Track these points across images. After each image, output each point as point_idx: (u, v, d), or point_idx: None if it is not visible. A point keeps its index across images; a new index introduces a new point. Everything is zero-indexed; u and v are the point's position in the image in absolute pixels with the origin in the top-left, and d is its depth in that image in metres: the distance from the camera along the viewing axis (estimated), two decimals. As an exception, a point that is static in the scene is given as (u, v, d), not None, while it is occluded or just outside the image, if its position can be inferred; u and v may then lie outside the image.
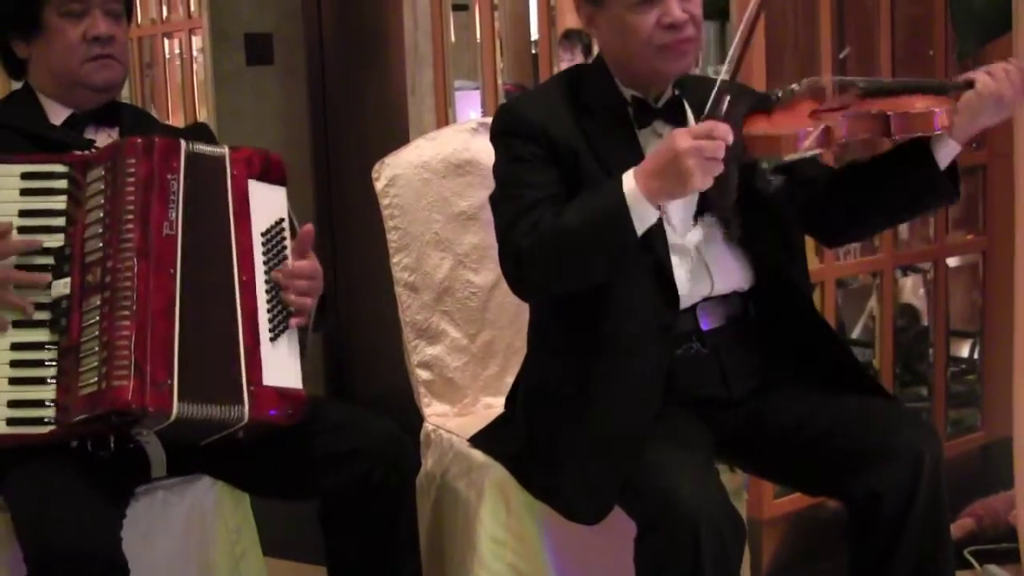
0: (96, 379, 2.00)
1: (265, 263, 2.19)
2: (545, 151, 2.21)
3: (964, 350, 4.47)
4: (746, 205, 2.26)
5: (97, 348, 2.02)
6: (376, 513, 2.25)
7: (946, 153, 2.24)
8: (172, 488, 2.33)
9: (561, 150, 2.21)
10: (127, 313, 2.02)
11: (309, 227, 2.25)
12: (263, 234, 2.21)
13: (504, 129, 2.28)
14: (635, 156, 2.23)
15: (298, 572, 3.12)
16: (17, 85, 2.42)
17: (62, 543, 1.94)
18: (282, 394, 2.14)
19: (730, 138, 2.05)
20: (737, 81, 2.22)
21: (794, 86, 2.27)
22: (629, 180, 2.09)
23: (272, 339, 2.16)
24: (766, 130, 2.20)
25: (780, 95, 2.25)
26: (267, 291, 2.18)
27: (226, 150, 2.22)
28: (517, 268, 2.17)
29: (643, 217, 2.08)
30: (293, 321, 2.19)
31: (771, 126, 2.21)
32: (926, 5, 3.79)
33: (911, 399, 4.19)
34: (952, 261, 4.03)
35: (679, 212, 2.27)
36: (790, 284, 2.33)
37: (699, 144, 2.03)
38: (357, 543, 2.28)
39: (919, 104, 2.21)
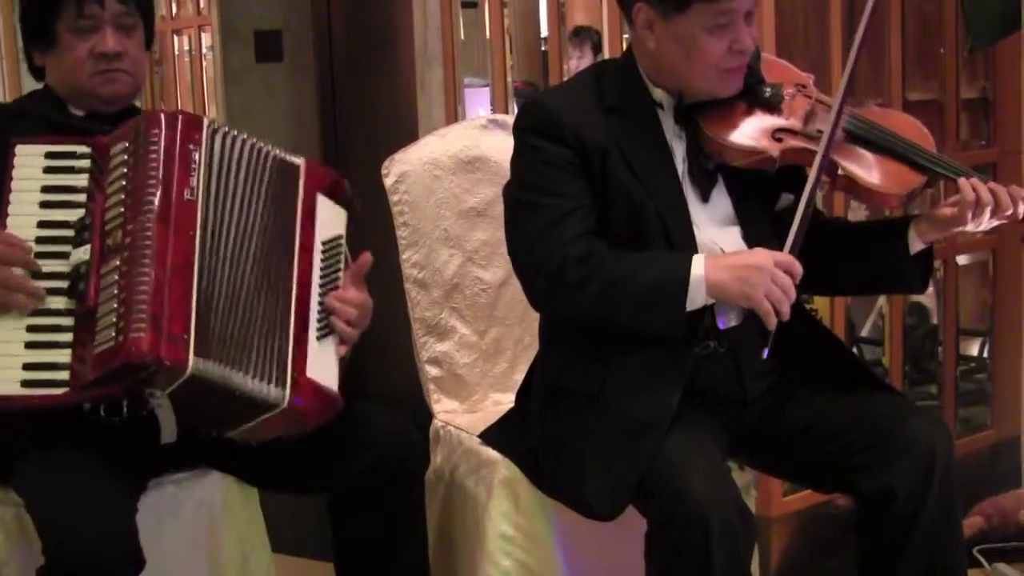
0: (113, 334, 2.00)
1: (322, 269, 2.21)
2: (577, 156, 2.19)
3: (974, 348, 4.46)
4: (748, 208, 2.27)
5: (115, 306, 2.02)
6: (384, 508, 2.26)
7: (917, 243, 2.26)
8: (181, 483, 2.34)
9: (592, 155, 2.19)
10: (145, 270, 2.03)
11: (367, 256, 2.27)
12: (324, 243, 2.23)
13: (535, 128, 2.24)
14: (665, 159, 2.23)
15: (306, 568, 3.12)
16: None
17: (80, 535, 1.95)
18: (320, 391, 2.15)
19: (799, 274, 2.10)
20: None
21: (786, 91, 2.26)
22: (699, 265, 2.11)
23: (319, 338, 2.17)
24: (722, 135, 2.21)
25: (769, 92, 2.25)
26: (320, 294, 2.20)
27: (302, 161, 2.25)
28: (551, 287, 2.16)
29: (694, 300, 2.12)
30: (341, 349, 2.21)
31: (731, 131, 2.21)
32: (937, 2, 3.79)
33: (921, 397, 4.18)
34: (962, 259, 4.02)
35: (712, 221, 2.26)
36: None
37: (779, 275, 2.07)
38: (365, 538, 2.29)
39: (876, 179, 2.20)
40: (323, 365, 2.17)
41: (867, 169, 2.22)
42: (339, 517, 2.31)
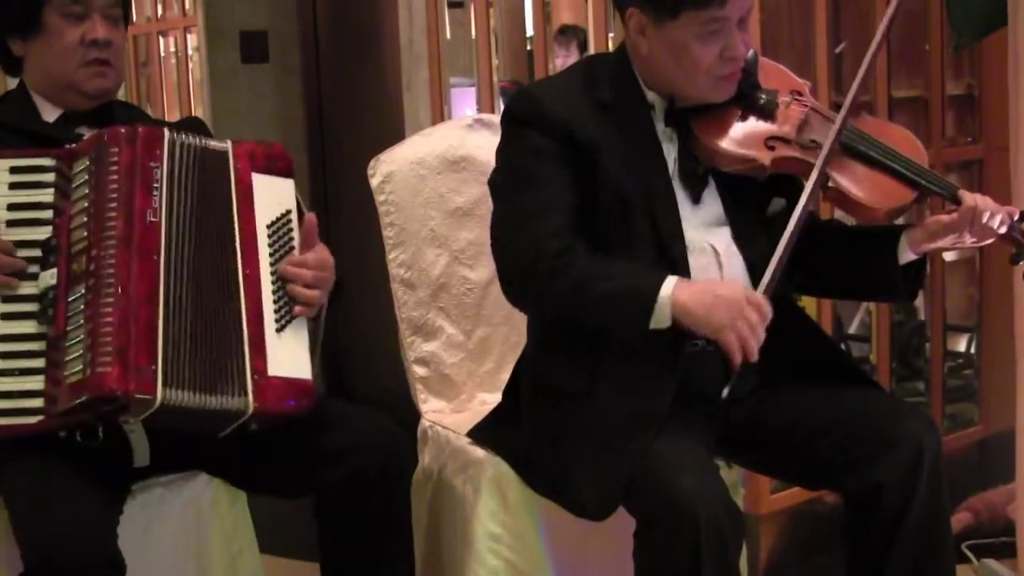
0: (81, 367, 2.01)
1: (271, 254, 2.20)
2: (565, 148, 2.17)
3: (961, 345, 4.47)
4: (739, 210, 2.27)
5: (82, 336, 2.02)
6: (371, 510, 2.25)
7: (907, 253, 2.24)
8: (169, 485, 2.33)
9: (582, 149, 2.17)
10: (110, 300, 2.02)
11: (311, 217, 2.26)
12: (268, 226, 2.21)
13: (525, 119, 2.22)
14: (657, 160, 2.22)
15: (293, 569, 3.12)
16: (13, 83, 2.42)
17: (59, 541, 1.94)
18: (289, 384, 2.14)
19: (768, 316, 2.08)
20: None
21: (781, 99, 2.25)
22: (669, 285, 2.09)
23: (278, 330, 2.17)
24: (714, 141, 2.20)
25: (764, 99, 2.24)
26: (273, 282, 2.18)
27: (229, 144, 2.22)
28: (524, 277, 2.17)
29: (659, 319, 2.10)
30: (297, 309, 2.19)
31: (723, 136, 2.20)
32: (922, -1, 3.79)
33: (908, 394, 4.19)
34: (949, 255, 4.02)
35: (702, 222, 2.25)
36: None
37: (749, 311, 2.06)
38: (351, 540, 2.28)
39: (866, 192, 2.19)
40: (288, 356, 2.16)
41: (858, 182, 2.20)
42: (324, 520, 2.30)
